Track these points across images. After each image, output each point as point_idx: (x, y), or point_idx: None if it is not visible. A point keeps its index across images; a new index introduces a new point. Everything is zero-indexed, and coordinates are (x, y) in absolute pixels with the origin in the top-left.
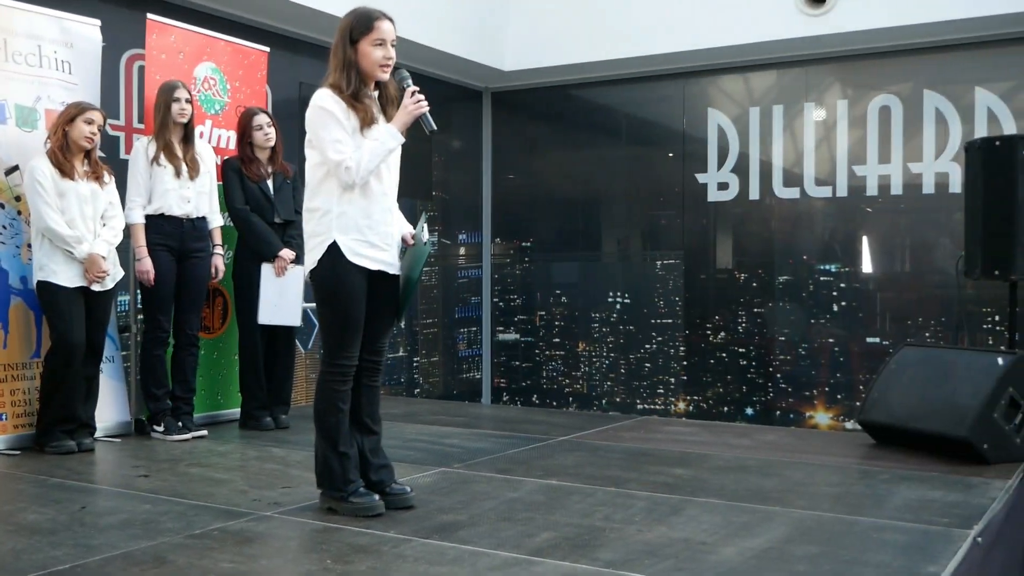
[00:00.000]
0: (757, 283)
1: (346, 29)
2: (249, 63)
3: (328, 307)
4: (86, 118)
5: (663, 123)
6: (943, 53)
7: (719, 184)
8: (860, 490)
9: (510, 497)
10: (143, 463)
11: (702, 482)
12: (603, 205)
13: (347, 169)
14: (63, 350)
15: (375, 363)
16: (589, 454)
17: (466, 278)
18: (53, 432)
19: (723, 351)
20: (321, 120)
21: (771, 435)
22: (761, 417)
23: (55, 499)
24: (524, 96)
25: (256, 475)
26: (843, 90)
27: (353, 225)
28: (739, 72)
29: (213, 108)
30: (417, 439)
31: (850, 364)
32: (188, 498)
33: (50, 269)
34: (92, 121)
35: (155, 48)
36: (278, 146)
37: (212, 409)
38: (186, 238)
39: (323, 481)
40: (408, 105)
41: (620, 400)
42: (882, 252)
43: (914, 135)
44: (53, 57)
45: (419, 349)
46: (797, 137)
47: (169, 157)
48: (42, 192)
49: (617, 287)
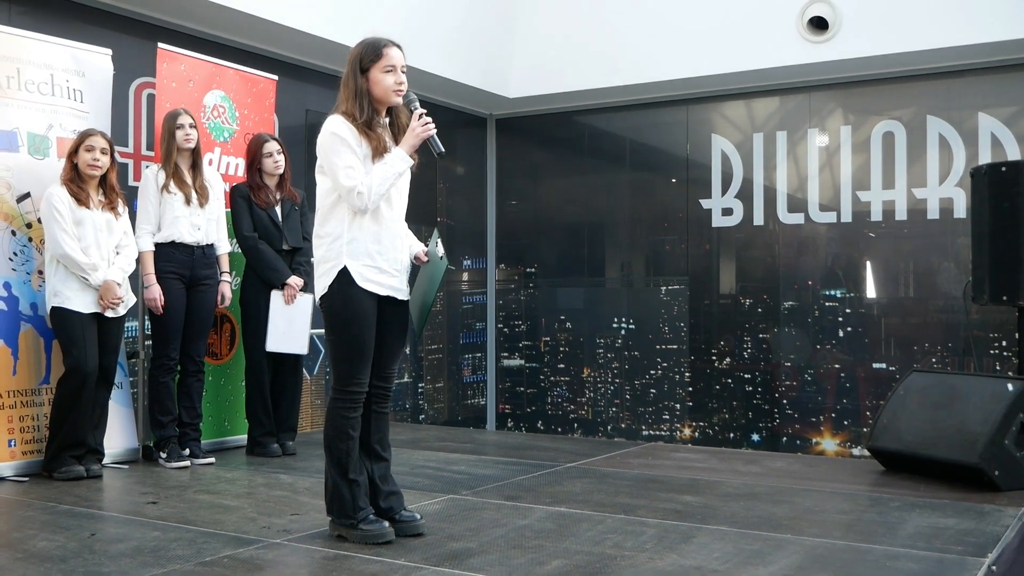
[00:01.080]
0: (762, 308)
1: (356, 59)
2: (258, 91)
3: (338, 333)
4: (86, 146)
5: (667, 149)
6: (946, 79)
7: (723, 210)
8: (872, 517)
9: (519, 524)
10: (151, 489)
11: (712, 509)
12: (607, 231)
13: (359, 195)
14: (77, 376)
15: (384, 389)
16: (597, 481)
17: (471, 304)
18: (62, 458)
19: (729, 377)
20: (333, 146)
21: (780, 462)
22: (768, 443)
23: (65, 526)
24: (528, 122)
25: (264, 502)
26: (846, 116)
27: (364, 251)
28: (742, 98)
29: (222, 135)
30: (424, 466)
31: (856, 390)
32: (197, 525)
33: (64, 295)
34: (92, 148)
35: (165, 76)
36: (286, 173)
37: (219, 436)
38: (196, 265)
39: (333, 508)
40: (416, 128)
41: (625, 426)
42: (887, 277)
43: (918, 161)
44: (65, 86)
45: (424, 375)
46: (801, 163)
47: (179, 184)
48: (59, 219)
49: (622, 313)
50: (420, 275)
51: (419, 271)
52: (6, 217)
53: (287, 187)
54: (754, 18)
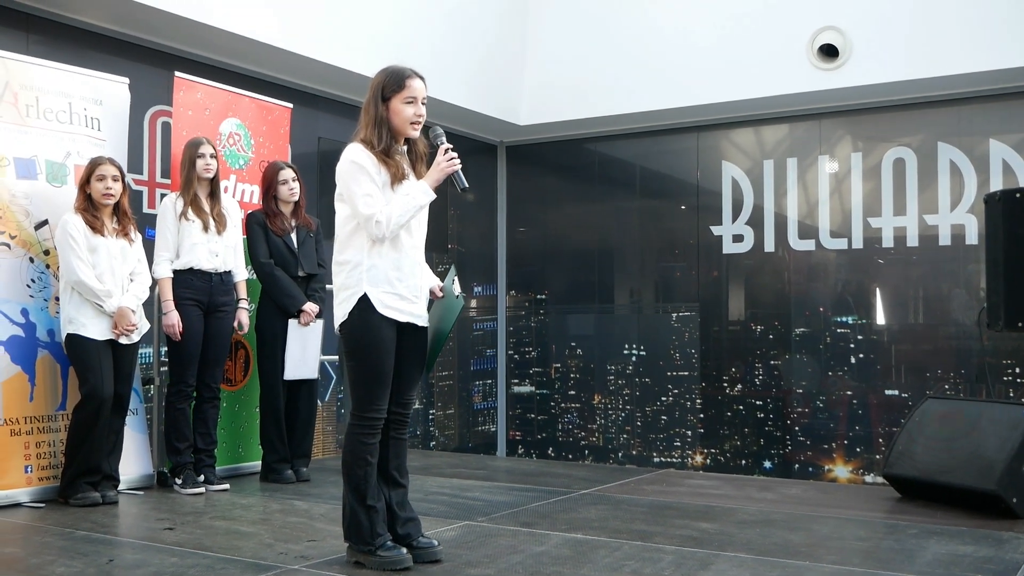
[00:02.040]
0: (773, 335)
1: (378, 87)
2: (273, 119)
3: (358, 360)
4: (97, 175)
5: (677, 176)
6: (956, 106)
7: (734, 236)
8: (889, 545)
9: (536, 551)
10: (167, 515)
11: (729, 536)
12: (617, 257)
13: (377, 223)
14: (93, 403)
15: (403, 416)
16: (612, 507)
17: (481, 330)
18: (78, 484)
19: (740, 404)
20: (352, 174)
21: (794, 488)
22: (780, 470)
23: (82, 552)
24: (539, 150)
25: (281, 528)
26: (856, 142)
27: (383, 278)
28: (752, 125)
29: (237, 163)
30: (438, 492)
31: (869, 416)
32: (214, 551)
33: (79, 322)
34: (104, 177)
35: (182, 105)
36: (301, 200)
37: (233, 462)
38: (214, 292)
39: (351, 534)
40: (441, 162)
41: (636, 453)
42: (899, 304)
43: (929, 187)
44: (83, 114)
45: (435, 401)
46: (811, 190)
47: (196, 212)
48: (74, 246)
49: (632, 339)
50: (433, 310)
51: (432, 305)
52: (24, 244)
53: (302, 214)
54: (764, 46)
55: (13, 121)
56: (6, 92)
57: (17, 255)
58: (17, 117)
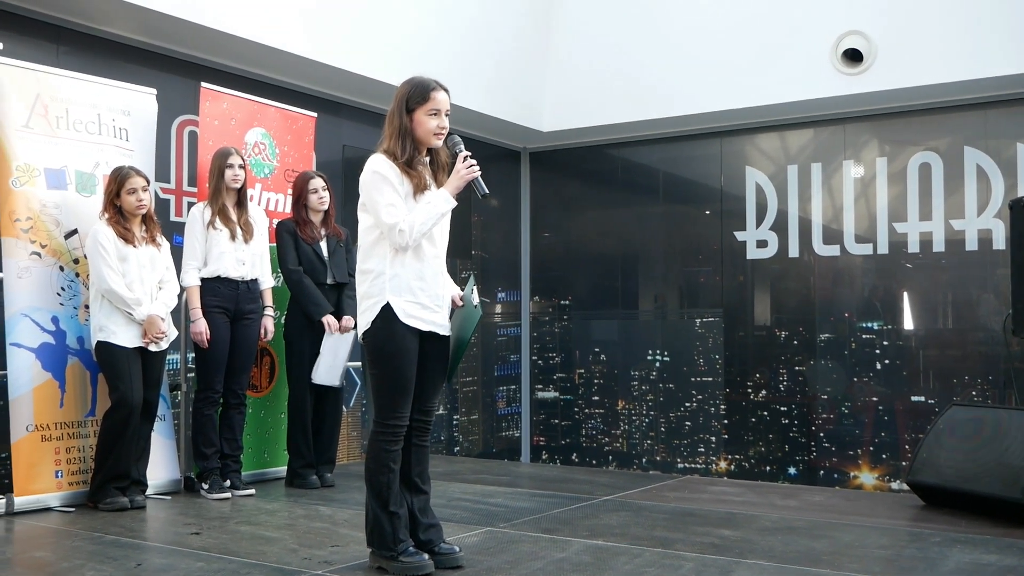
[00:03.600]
0: (798, 341)
1: (403, 98)
2: (297, 128)
3: (380, 368)
4: (128, 188)
5: (701, 181)
6: (983, 110)
7: (758, 242)
8: (912, 553)
9: (557, 558)
10: (194, 520)
11: (750, 543)
12: (641, 263)
13: (400, 232)
14: (123, 409)
15: (425, 423)
16: (634, 514)
17: (505, 336)
18: (107, 489)
19: (764, 409)
20: (375, 184)
21: (818, 496)
22: (804, 477)
23: (112, 556)
24: (562, 156)
25: (305, 533)
26: (881, 147)
27: (406, 287)
28: (776, 130)
29: (263, 172)
30: (461, 498)
31: (895, 423)
32: (240, 556)
33: (110, 330)
34: (134, 189)
35: (208, 115)
36: (331, 209)
37: (259, 467)
38: (240, 300)
39: (373, 540)
40: (461, 170)
41: (660, 459)
42: (925, 309)
43: (955, 192)
44: (112, 124)
45: (459, 407)
46: (836, 195)
47: (224, 221)
48: (104, 255)
49: (656, 345)
50: (454, 319)
51: (453, 314)
52: (54, 253)
53: (332, 223)
54: (789, 51)
55: (44, 132)
56: (37, 104)
57: (48, 264)
58: (48, 128)
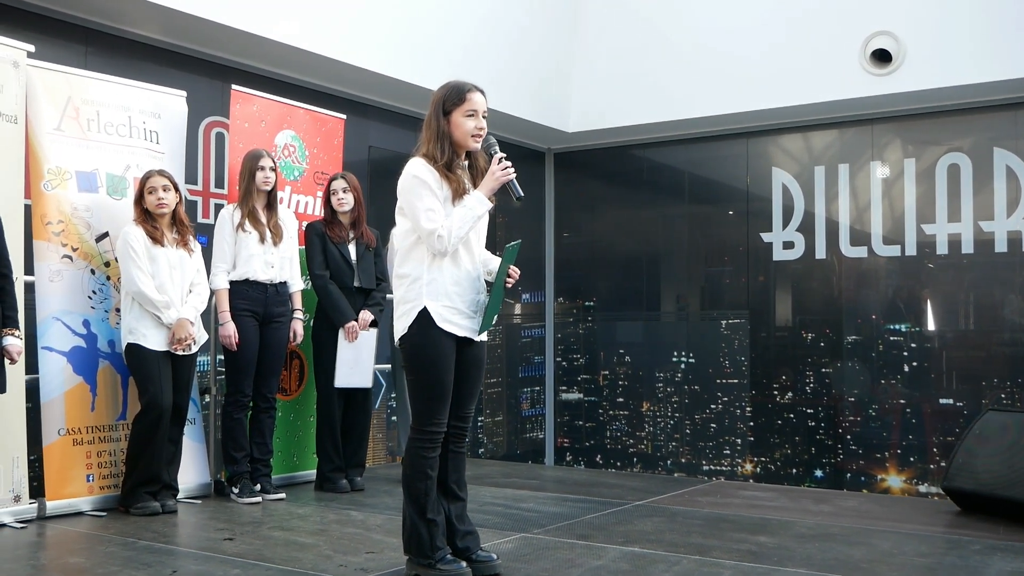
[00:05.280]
0: (824, 343)
1: (439, 101)
2: (327, 130)
3: (417, 373)
4: (148, 188)
5: (726, 182)
6: (1013, 110)
7: (784, 243)
8: (952, 561)
9: (594, 565)
10: (226, 525)
11: (787, 551)
12: (666, 264)
13: (439, 238)
14: (153, 413)
15: (462, 429)
16: (668, 520)
17: (529, 337)
18: (138, 493)
19: (791, 412)
20: (414, 189)
21: (851, 501)
22: (831, 480)
23: (146, 562)
24: (587, 156)
25: (339, 539)
26: (908, 148)
27: (443, 292)
28: (802, 131)
29: (292, 174)
30: (492, 503)
31: (923, 426)
32: (275, 563)
33: (140, 333)
34: (154, 189)
35: (239, 117)
36: (360, 213)
37: (288, 471)
38: (269, 303)
39: (410, 547)
40: (496, 172)
41: (686, 461)
42: (954, 311)
43: (984, 192)
44: (142, 127)
45: (483, 408)
46: (862, 196)
47: (254, 223)
48: (135, 257)
49: (681, 346)
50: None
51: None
52: (85, 256)
53: (362, 227)
54: (816, 51)
55: (75, 135)
56: (68, 107)
57: (79, 267)
58: (79, 131)
